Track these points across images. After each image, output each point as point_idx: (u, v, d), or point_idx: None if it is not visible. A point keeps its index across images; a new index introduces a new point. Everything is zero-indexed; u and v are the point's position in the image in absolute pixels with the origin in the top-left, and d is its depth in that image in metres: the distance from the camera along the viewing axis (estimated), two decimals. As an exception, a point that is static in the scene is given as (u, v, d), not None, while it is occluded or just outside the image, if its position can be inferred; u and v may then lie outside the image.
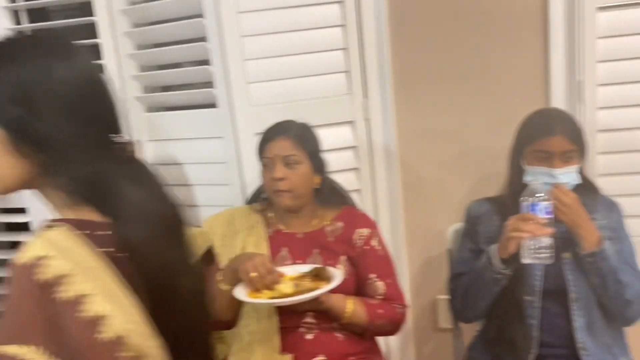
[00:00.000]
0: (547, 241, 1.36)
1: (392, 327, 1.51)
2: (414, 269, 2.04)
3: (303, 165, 1.47)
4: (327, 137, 1.86)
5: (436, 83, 1.89)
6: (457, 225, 1.76)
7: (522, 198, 1.40)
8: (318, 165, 1.52)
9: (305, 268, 1.41)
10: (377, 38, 1.86)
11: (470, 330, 1.71)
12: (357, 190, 1.95)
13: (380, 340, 2.02)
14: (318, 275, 1.37)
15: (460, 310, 1.62)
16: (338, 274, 1.37)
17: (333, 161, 1.88)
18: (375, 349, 1.56)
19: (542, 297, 1.47)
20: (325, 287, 1.31)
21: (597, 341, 1.47)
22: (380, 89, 1.90)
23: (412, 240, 2.02)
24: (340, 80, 1.89)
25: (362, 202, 1.96)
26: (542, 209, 1.37)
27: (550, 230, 1.35)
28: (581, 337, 1.46)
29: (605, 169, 1.82)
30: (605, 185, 1.82)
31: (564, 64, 1.79)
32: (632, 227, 1.80)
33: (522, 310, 1.48)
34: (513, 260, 1.41)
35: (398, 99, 1.92)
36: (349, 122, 1.92)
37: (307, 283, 1.34)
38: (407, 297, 2.03)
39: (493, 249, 1.44)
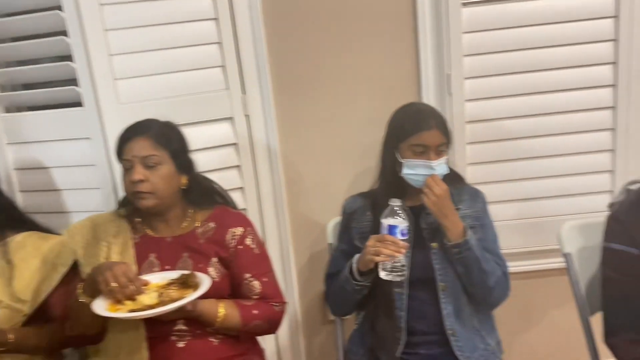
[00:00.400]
0: (402, 260, 1.43)
1: (270, 326, 1.49)
2: (301, 263, 2.05)
3: (165, 166, 1.41)
4: (205, 135, 1.84)
5: (314, 78, 1.89)
6: (336, 219, 1.78)
7: (382, 218, 1.44)
8: (183, 165, 1.46)
9: (173, 275, 1.36)
10: (252, 32, 1.82)
11: (353, 323, 1.74)
12: (240, 189, 1.92)
13: (270, 335, 2.02)
14: (185, 283, 1.32)
15: (332, 308, 1.68)
16: (206, 280, 1.33)
17: (213, 159, 1.86)
18: (255, 349, 1.54)
19: (411, 286, 1.51)
20: (189, 297, 1.27)
21: (466, 326, 1.54)
22: (259, 84, 1.87)
23: (298, 235, 2.02)
24: (216, 75, 1.83)
25: (246, 200, 1.93)
26: (400, 231, 1.42)
27: (405, 247, 1.41)
28: (450, 323, 1.52)
29: (473, 158, 1.92)
30: (474, 173, 1.93)
31: (433, 59, 1.86)
32: (498, 213, 1.92)
33: (392, 303, 1.52)
34: (372, 272, 1.47)
35: (277, 94, 1.90)
36: (228, 119, 1.87)
37: (172, 292, 1.29)
38: (295, 291, 2.05)
39: (355, 261, 1.50)
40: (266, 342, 2.04)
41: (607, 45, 1.82)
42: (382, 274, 1.45)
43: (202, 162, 1.77)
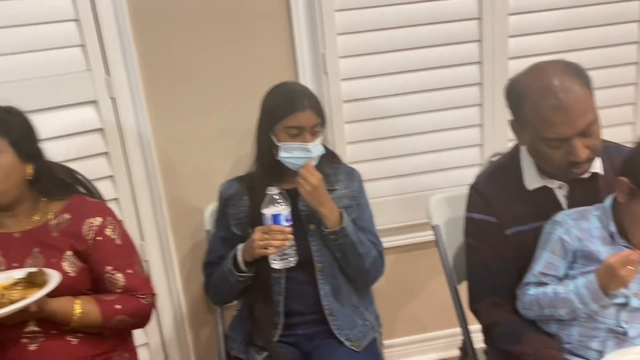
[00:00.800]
0: (291, 245, 1.42)
1: (138, 320, 1.41)
2: (183, 253, 1.97)
3: (4, 156, 1.27)
4: (66, 120, 1.70)
5: (186, 58, 1.80)
6: (214, 205, 1.72)
7: (262, 208, 1.41)
8: (28, 153, 1.32)
9: (20, 273, 1.24)
10: (113, 8, 1.69)
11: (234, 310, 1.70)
12: (110, 177, 1.80)
13: (154, 328, 1.94)
14: (32, 281, 1.20)
15: (212, 298, 1.64)
16: (55, 277, 1.22)
17: (76, 146, 1.72)
18: (124, 346, 1.45)
19: (289, 269, 1.48)
20: (31, 297, 1.16)
21: (344, 304, 1.55)
22: (124, 64, 1.74)
23: (178, 224, 1.93)
24: (75, 55, 1.69)
25: (117, 189, 1.81)
26: (285, 218, 1.40)
27: (290, 231, 1.40)
28: (327, 303, 1.52)
29: (352, 137, 1.93)
30: (353, 152, 1.94)
31: (307, 38, 1.83)
32: (379, 189, 1.95)
33: (269, 288, 1.51)
34: (258, 262, 1.44)
35: (146, 75, 1.78)
36: (92, 102, 1.73)
37: (15, 292, 1.17)
38: (178, 282, 1.97)
39: (240, 253, 1.46)
40: (150, 336, 1.95)
41: (472, 24, 1.88)
42: (275, 264, 1.43)
43: (63, 150, 1.66)
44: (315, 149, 1.49)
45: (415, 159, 1.98)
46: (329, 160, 1.61)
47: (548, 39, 1.92)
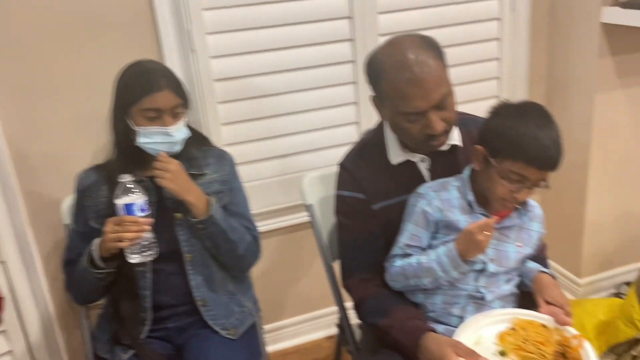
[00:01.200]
0: (148, 237, 1.33)
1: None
2: (46, 251, 1.81)
3: None
4: None
5: (34, 35, 1.62)
6: (71, 198, 1.58)
7: (115, 198, 1.31)
8: None
9: None
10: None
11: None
12: (-51, 171, 1.60)
13: (17, 333, 1.78)
14: None
15: (75, 298, 1.52)
16: None
17: None
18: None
19: (155, 261, 1.39)
20: None
21: (218, 292, 1.49)
22: (-43, 44, 1.55)
23: (37, 220, 1.77)
24: None
25: (-40, 185, 1.62)
26: (139, 208, 1.31)
27: (148, 223, 1.31)
28: (200, 294, 1.45)
29: (227, 117, 1.86)
30: (229, 133, 1.87)
31: (170, 14, 1.72)
32: (259, 171, 1.90)
33: (134, 284, 1.42)
34: (117, 257, 1.35)
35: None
36: None
37: None
38: (43, 283, 1.82)
39: (95, 248, 1.36)
40: (13, 342, 1.79)
41: (342, 1, 1.87)
42: (132, 259, 1.33)
43: None
44: (178, 132, 1.39)
45: (294, 138, 1.95)
46: (197, 144, 1.52)
47: (416, 15, 1.95)
